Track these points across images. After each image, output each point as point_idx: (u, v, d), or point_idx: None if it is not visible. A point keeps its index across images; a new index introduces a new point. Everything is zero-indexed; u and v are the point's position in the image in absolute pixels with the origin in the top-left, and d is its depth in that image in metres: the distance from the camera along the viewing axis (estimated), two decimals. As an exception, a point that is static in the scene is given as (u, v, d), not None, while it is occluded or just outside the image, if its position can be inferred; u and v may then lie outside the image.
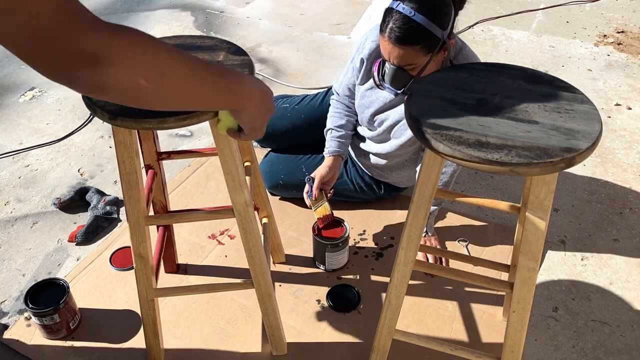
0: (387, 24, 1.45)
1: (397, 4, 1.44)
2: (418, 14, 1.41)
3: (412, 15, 1.41)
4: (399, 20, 1.42)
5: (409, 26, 1.42)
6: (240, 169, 1.18)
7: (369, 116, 1.78)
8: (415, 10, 1.41)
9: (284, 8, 3.43)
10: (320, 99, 2.06)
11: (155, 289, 1.36)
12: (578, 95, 1.06)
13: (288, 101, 2.08)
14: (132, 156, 1.16)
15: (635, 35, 3.07)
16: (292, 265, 1.79)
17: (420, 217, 1.12)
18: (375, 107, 1.75)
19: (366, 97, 1.76)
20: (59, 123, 2.45)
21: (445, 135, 0.97)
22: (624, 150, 2.26)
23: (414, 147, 1.76)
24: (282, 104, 2.08)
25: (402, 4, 1.43)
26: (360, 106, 1.79)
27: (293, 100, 2.08)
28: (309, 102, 2.07)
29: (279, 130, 2.02)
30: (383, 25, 1.47)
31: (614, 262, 1.80)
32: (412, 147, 1.76)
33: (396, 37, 1.44)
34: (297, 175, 1.92)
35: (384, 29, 1.46)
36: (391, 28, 1.44)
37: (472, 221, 1.93)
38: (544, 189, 1.01)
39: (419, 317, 1.62)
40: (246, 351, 1.54)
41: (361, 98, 1.78)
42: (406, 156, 1.80)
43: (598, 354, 1.53)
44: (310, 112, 2.03)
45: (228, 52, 1.19)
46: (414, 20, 1.41)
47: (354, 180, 1.92)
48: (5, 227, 1.95)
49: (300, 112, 2.04)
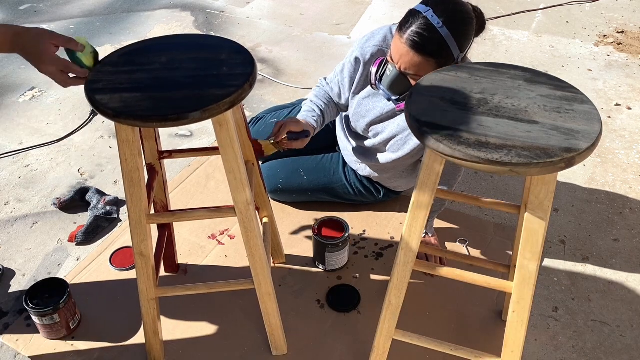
0: (409, 26, 1.39)
1: (426, 10, 1.38)
2: (444, 28, 1.36)
3: (439, 27, 1.36)
4: (424, 26, 1.37)
5: (431, 36, 1.37)
6: (242, 168, 1.18)
7: (365, 126, 1.74)
8: (443, 23, 1.36)
9: (284, 8, 3.43)
10: None
11: (156, 288, 1.36)
12: (578, 95, 1.06)
13: (276, 115, 2.03)
14: (135, 154, 1.16)
15: (635, 35, 3.07)
16: (292, 265, 1.79)
17: (420, 218, 1.13)
18: (372, 117, 1.70)
19: (362, 105, 1.71)
20: (59, 123, 2.45)
21: (445, 135, 0.97)
22: (624, 150, 2.26)
23: (411, 160, 1.73)
24: (270, 118, 2.03)
25: (432, 11, 1.37)
26: (355, 114, 1.75)
27: (282, 114, 2.03)
28: (296, 114, 2.00)
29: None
30: (404, 26, 1.41)
31: (614, 262, 1.80)
32: (409, 160, 1.73)
33: (415, 43, 1.39)
34: (296, 179, 1.91)
35: (404, 29, 1.40)
36: (413, 32, 1.38)
37: (472, 221, 1.93)
38: (544, 189, 1.01)
39: (419, 317, 1.62)
40: (246, 351, 1.54)
41: (357, 106, 1.73)
42: (402, 168, 1.79)
43: (598, 354, 1.54)
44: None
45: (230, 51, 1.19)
46: (439, 32, 1.36)
47: (353, 184, 1.90)
48: (5, 227, 1.95)
49: None
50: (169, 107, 1.03)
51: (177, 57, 1.18)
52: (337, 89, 1.77)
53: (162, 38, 1.25)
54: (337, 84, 1.76)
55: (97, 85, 1.10)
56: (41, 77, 2.75)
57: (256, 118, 2.07)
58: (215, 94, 1.06)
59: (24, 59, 1.15)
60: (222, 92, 1.06)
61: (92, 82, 1.11)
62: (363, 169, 1.84)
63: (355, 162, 1.85)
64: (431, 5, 1.39)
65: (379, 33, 1.64)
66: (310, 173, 1.90)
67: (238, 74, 1.11)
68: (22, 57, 1.15)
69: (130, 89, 1.09)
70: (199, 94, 1.06)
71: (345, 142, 1.88)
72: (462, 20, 1.40)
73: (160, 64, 1.15)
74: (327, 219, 1.75)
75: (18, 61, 2.85)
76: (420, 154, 1.69)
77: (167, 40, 1.25)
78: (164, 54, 1.18)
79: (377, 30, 1.65)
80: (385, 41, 1.62)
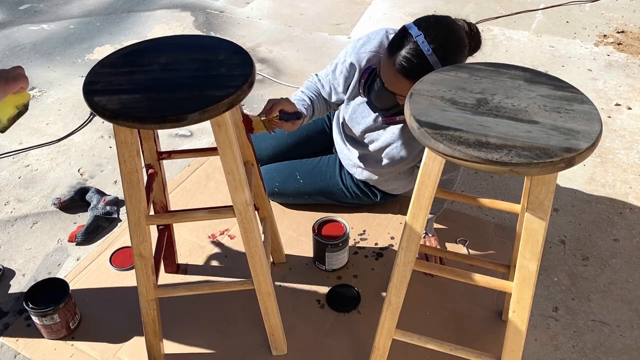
0: (399, 49, 1.38)
1: (417, 34, 1.36)
2: (434, 55, 1.35)
3: (428, 54, 1.35)
4: (413, 52, 1.36)
5: (419, 62, 1.36)
6: (241, 169, 1.18)
7: (360, 132, 1.73)
8: (433, 50, 1.35)
9: (284, 8, 3.43)
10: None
11: (155, 289, 1.36)
12: (578, 95, 1.06)
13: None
14: (133, 155, 1.16)
15: (635, 35, 3.07)
16: (292, 265, 1.79)
17: (420, 218, 1.12)
18: (366, 124, 1.69)
19: (357, 112, 1.70)
20: (59, 123, 2.45)
21: (445, 135, 0.97)
22: (624, 150, 2.26)
23: (406, 166, 1.73)
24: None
25: (423, 37, 1.35)
26: (350, 120, 1.74)
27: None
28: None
29: (265, 150, 1.99)
30: (393, 47, 1.39)
31: (614, 262, 1.80)
32: (404, 167, 1.73)
33: (402, 67, 1.38)
34: (292, 182, 1.90)
35: (393, 51, 1.39)
36: (402, 56, 1.37)
37: (472, 221, 1.93)
38: (544, 189, 1.01)
39: (419, 317, 1.62)
40: (246, 351, 1.54)
41: (352, 112, 1.72)
42: (398, 172, 1.78)
43: (598, 354, 1.54)
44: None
45: (229, 52, 1.19)
46: (427, 59, 1.35)
47: (350, 188, 1.90)
48: (5, 227, 1.95)
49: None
50: (168, 109, 1.03)
51: (175, 58, 1.17)
52: (329, 88, 1.75)
53: (160, 39, 1.25)
54: (328, 82, 1.75)
55: (95, 86, 1.10)
56: (41, 77, 2.75)
57: None
58: (214, 94, 1.05)
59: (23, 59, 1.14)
60: (221, 93, 1.06)
61: (90, 83, 1.11)
62: (359, 172, 1.83)
63: (351, 166, 1.85)
64: (423, 30, 1.37)
65: (374, 38, 1.61)
66: (307, 177, 1.90)
67: (237, 75, 1.11)
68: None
69: (128, 90, 1.08)
70: (198, 95, 1.06)
71: (341, 146, 1.87)
72: (452, 49, 1.38)
73: (159, 65, 1.15)
74: (327, 219, 1.75)
75: (18, 61, 2.85)
76: (416, 160, 1.68)
77: (166, 41, 1.24)
78: (163, 55, 1.18)
79: (373, 34, 1.62)
80: (381, 46, 1.59)
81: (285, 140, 2.00)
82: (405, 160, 1.67)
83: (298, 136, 1.99)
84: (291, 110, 1.57)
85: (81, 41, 3.09)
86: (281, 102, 1.55)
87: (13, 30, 3.19)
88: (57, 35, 3.14)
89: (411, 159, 1.67)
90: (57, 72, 2.80)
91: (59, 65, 2.86)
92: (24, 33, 3.16)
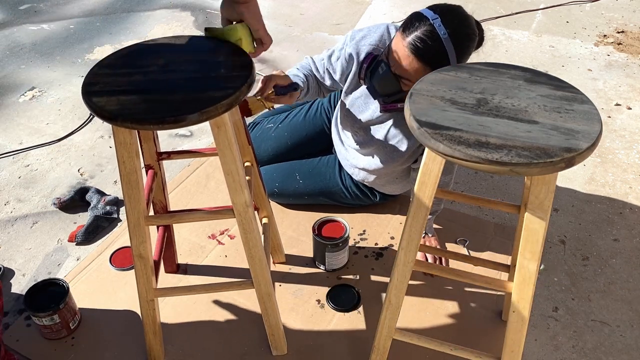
0: (414, 30, 1.37)
1: (434, 17, 1.36)
2: (449, 40, 1.35)
3: (444, 37, 1.35)
4: (429, 34, 1.36)
5: (434, 45, 1.36)
6: (240, 170, 1.18)
7: (356, 128, 1.73)
8: (449, 35, 1.35)
9: (284, 8, 3.43)
10: (303, 114, 2.03)
11: (155, 289, 1.36)
12: (578, 95, 1.06)
13: (273, 120, 2.03)
14: (133, 156, 1.16)
15: (635, 35, 3.06)
16: (292, 265, 1.79)
17: (420, 218, 1.12)
18: (364, 119, 1.69)
19: (355, 105, 1.70)
20: (59, 123, 2.45)
21: (445, 135, 0.97)
22: (624, 150, 2.26)
23: (402, 167, 1.73)
24: (267, 123, 2.02)
25: (440, 21, 1.35)
26: (348, 115, 1.73)
27: (278, 119, 2.03)
28: (292, 118, 2.02)
29: (264, 151, 1.99)
30: (408, 28, 1.39)
31: (614, 262, 1.80)
32: (400, 167, 1.72)
33: (417, 48, 1.37)
34: (291, 183, 1.90)
35: (407, 32, 1.39)
36: (417, 36, 1.36)
37: (472, 221, 1.93)
38: (544, 189, 1.01)
39: (419, 317, 1.62)
40: (246, 351, 1.54)
41: (350, 105, 1.71)
42: (395, 174, 1.78)
43: (598, 354, 1.53)
44: (293, 129, 2.00)
45: (228, 53, 1.19)
46: (443, 43, 1.35)
47: (349, 188, 1.89)
48: (5, 227, 1.95)
49: (284, 130, 2.00)
50: (166, 110, 1.03)
51: (174, 59, 1.17)
52: (322, 71, 1.72)
53: (159, 40, 1.25)
54: (323, 66, 1.72)
55: (94, 87, 1.10)
56: (41, 77, 2.75)
57: (253, 123, 2.07)
58: (212, 96, 1.05)
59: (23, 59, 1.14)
60: (220, 94, 1.06)
61: (89, 84, 1.11)
62: (357, 173, 1.83)
63: (350, 167, 1.85)
64: (439, 14, 1.37)
65: (375, 31, 1.60)
66: (306, 177, 1.90)
67: (236, 76, 1.11)
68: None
69: (127, 91, 1.08)
70: (197, 96, 1.06)
71: (339, 146, 1.87)
72: (466, 36, 1.39)
73: (158, 66, 1.15)
74: (327, 219, 1.75)
75: (18, 61, 2.85)
76: (411, 159, 1.68)
77: (165, 42, 1.24)
78: (162, 56, 1.18)
79: (374, 27, 1.62)
80: (382, 40, 1.59)
81: (285, 141, 2.00)
82: (400, 158, 1.67)
83: (298, 137, 2.00)
84: (286, 83, 1.55)
85: (81, 41, 3.09)
86: (274, 77, 1.53)
87: (13, 30, 3.19)
88: (57, 35, 3.14)
89: (406, 159, 1.67)
90: (57, 72, 2.80)
91: (59, 65, 2.86)
92: (24, 33, 3.16)
